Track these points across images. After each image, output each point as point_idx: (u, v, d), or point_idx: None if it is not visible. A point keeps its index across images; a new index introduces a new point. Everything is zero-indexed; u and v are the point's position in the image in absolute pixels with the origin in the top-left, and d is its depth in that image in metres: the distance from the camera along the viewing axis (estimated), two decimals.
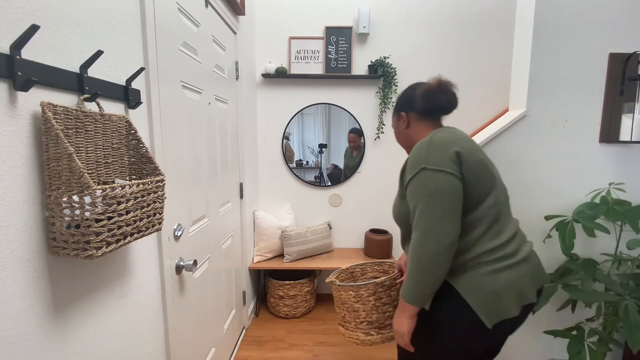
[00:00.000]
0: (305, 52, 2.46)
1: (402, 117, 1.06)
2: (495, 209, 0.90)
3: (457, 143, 0.90)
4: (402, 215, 0.98)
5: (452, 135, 0.92)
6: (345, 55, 2.45)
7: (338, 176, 2.59)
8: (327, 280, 1.23)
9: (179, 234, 1.24)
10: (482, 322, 0.86)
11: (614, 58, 1.31)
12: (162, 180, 0.83)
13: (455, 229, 0.85)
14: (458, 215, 0.86)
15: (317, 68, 2.47)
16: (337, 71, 2.46)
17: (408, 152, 1.09)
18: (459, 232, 0.87)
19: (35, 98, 0.65)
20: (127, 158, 0.86)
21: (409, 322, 0.92)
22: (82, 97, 0.72)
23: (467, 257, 0.89)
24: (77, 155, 0.67)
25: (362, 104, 2.53)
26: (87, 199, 0.63)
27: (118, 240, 0.70)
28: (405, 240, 1.03)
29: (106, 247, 0.66)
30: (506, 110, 2.40)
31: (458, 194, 0.86)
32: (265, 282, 2.64)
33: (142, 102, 0.99)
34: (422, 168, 0.87)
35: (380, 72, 2.44)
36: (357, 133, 2.54)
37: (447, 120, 1.04)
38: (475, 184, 0.89)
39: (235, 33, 1.94)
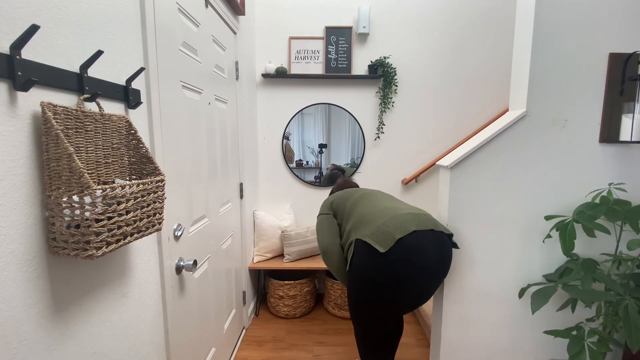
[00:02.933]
0: (305, 52, 2.46)
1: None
2: (357, 218, 1.36)
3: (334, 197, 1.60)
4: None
5: (336, 196, 1.60)
6: (345, 55, 2.45)
7: (337, 178, 2.59)
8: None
9: (179, 234, 1.24)
10: (377, 250, 1.18)
11: (614, 58, 1.31)
12: (162, 180, 0.83)
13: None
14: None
15: (317, 68, 2.47)
16: (337, 71, 2.46)
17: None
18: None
19: (35, 98, 0.65)
20: (127, 158, 0.86)
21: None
22: (82, 97, 0.72)
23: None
24: (77, 155, 0.67)
25: (362, 104, 2.53)
26: (87, 199, 0.63)
27: (118, 240, 0.70)
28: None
29: (106, 247, 0.66)
30: (506, 110, 2.40)
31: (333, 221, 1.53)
32: (265, 282, 2.64)
33: (142, 102, 0.99)
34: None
35: (380, 72, 2.44)
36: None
37: (446, 120, 1.04)
38: (340, 215, 1.50)
39: (235, 33, 1.94)
